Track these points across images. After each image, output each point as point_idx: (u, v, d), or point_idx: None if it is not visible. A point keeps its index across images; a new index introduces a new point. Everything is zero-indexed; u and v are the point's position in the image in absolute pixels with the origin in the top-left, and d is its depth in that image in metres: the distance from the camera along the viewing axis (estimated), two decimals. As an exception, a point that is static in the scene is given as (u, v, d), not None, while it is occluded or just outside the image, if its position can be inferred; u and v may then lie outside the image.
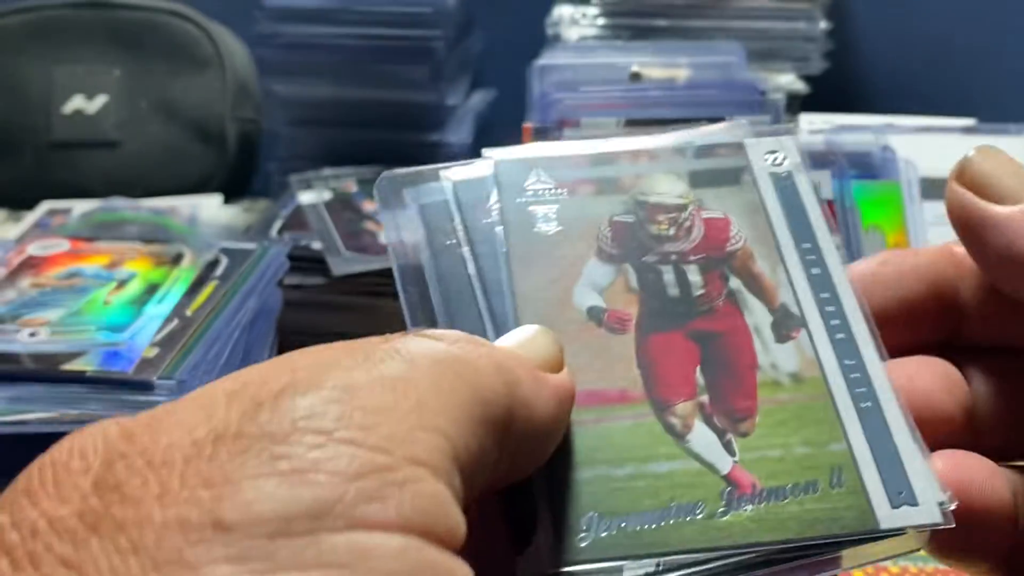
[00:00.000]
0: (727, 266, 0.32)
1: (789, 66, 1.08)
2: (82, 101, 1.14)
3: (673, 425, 0.29)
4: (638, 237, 0.32)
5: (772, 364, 0.30)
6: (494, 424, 0.24)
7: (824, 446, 0.28)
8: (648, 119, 0.80)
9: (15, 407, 0.58)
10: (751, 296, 0.31)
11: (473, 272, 0.31)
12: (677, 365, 0.30)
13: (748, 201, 0.33)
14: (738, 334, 0.30)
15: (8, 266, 0.72)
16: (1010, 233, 0.30)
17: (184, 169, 1.14)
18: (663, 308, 0.31)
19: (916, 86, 1.27)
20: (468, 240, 0.31)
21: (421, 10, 1.07)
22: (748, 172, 0.33)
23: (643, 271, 0.31)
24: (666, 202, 0.32)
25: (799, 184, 0.33)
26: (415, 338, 0.25)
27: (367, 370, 0.23)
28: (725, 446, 0.28)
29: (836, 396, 0.29)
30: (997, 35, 1.25)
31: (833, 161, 0.74)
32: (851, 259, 0.34)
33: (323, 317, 0.86)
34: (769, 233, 0.32)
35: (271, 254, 0.76)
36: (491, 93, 1.23)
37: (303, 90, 1.11)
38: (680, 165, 0.33)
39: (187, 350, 0.62)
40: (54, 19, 1.15)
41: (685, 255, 0.32)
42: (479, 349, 0.25)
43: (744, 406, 0.29)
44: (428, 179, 0.32)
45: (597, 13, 1.11)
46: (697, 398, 0.29)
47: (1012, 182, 0.31)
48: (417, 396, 0.23)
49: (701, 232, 0.32)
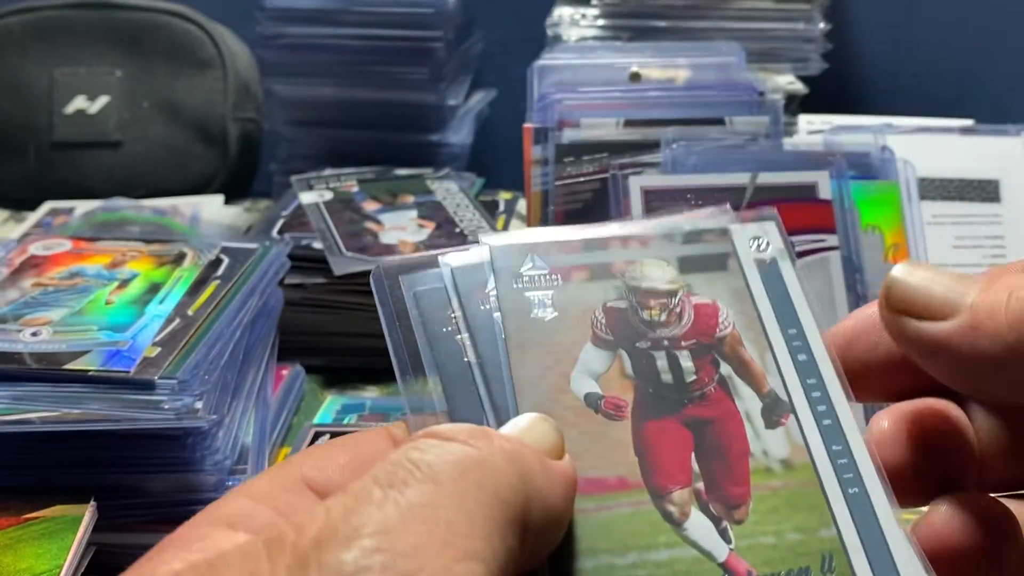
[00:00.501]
0: (717, 351, 0.32)
1: (788, 67, 1.09)
2: (84, 101, 1.14)
3: (671, 513, 0.29)
4: (631, 323, 0.33)
5: (763, 451, 0.31)
6: (515, 521, 0.25)
7: (815, 532, 0.29)
8: (647, 119, 0.81)
9: (17, 406, 0.58)
10: (741, 382, 0.32)
11: (473, 359, 0.31)
12: (673, 452, 0.30)
13: (735, 286, 0.34)
14: (730, 420, 0.31)
15: (10, 266, 0.73)
16: (957, 353, 0.29)
17: (186, 169, 1.14)
18: (657, 394, 0.31)
19: (914, 87, 1.27)
20: (467, 327, 0.32)
21: (422, 11, 1.07)
22: (734, 258, 0.34)
23: (637, 357, 0.32)
24: (657, 288, 0.33)
25: (783, 270, 0.34)
26: (430, 445, 0.26)
27: (395, 502, 0.24)
28: (721, 533, 0.29)
29: (825, 482, 0.30)
30: (995, 36, 1.25)
31: (832, 161, 0.75)
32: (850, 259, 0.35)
33: (324, 317, 0.86)
34: (756, 319, 0.33)
35: (272, 254, 0.76)
36: (491, 93, 1.23)
37: (304, 91, 1.12)
38: (669, 251, 0.34)
39: (189, 349, 0.62)
40: (56, 19, 1.16)
41: (677, 341, 0.32)
42: (491, 444, 0.26)
43: (738, 493, 0.30)
44: (423, 266, 0.33)
45: (597, 14, 1.11)
46: (693, 485, 0.30)
47: (941, 291, 0.30)
48: (447, 521, 0.24)
49: (691, 317, 0.33)
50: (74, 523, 0.56)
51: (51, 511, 0.57)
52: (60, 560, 0.53)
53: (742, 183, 0.73)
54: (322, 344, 0.86)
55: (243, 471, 0.65)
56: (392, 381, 0.84)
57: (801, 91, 1.05)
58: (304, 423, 0.76)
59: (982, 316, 0.29)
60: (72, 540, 0.54)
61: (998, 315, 0.29)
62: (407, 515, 0.24)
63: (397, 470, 0.25)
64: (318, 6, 1.08)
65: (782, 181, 0.73)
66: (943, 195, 0.79)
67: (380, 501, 0.24)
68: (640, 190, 0.73)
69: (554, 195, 0.78)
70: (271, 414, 0.73)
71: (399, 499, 0.24)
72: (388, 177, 1.02)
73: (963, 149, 0.83)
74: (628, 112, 0.81)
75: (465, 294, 0.32)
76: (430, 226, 0.91)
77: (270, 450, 0.70)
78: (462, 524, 0.24)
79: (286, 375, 0.79)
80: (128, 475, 0.61)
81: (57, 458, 0.61)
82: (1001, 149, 0.82)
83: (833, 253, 0.72)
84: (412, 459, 0.25)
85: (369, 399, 0.81)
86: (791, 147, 0.80)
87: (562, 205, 0.78)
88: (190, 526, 0.27)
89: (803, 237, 0.72)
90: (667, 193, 0.73)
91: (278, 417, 0.75)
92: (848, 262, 0.72)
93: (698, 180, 0.74)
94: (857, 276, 0.72)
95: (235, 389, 0.66)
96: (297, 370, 0.81)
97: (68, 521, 0.56)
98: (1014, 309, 0.29)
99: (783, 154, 0.78)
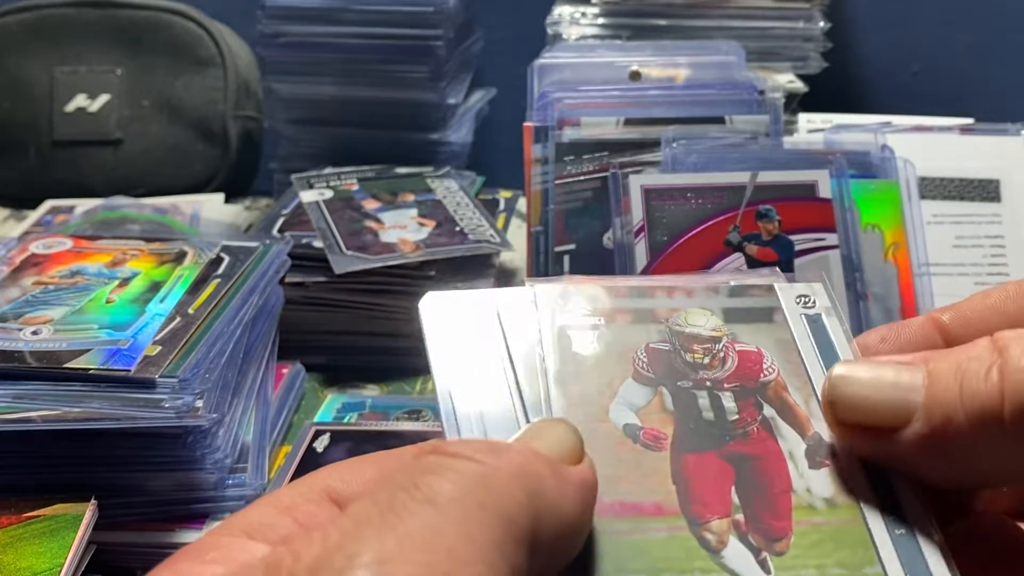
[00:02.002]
0: (760, 395, 0.33)
1: (788, 65, 1.09)
2: (84, 100, 1.14)
3: (708, 540, 0.29)
4: (674, 363, 0.33)
5: (807, 488, 0.31)
6: (522, 539, 0.25)
7: (859, 569, 0.29)
8: (647, 118, 0.81)
9: (18, 405, 0.58)
10: (785, 424, 0.32)
11: (514, 393, 0.32)
12: (712, 484, 0.30)
13: (780, 338, 0.34)
14: (772, 458, 0.31)
15: (11, 264, 0.73)
16: (924, 462, 0.29)
17: (186, 168, 1.14)
18: (698, 430, 0.31)
19: (914, 85, 1.27)
20: (510, 362, 0.32)
21: (422, 10, 1.07)
22: (780, 312, 0.35)
23: (678, 394, 0.32)
24: (701, 333, 0.34)
25: (829, 324, 0.34)
26: (435, 463, 0.26)
27: (394, 528, 0.24)
28: (760, 564, 0.29)
29: (870, 521, 0.30)
30: (995, 35, 1.25)
31: (831, 160, 0.75)
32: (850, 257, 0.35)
33: (324, 315, 0.86)
34: (801, 366, 0.33)
35: (273, 252, 0.76)
36: (491, 92, 1.23)
37: (304, 89, 1.12)
38: (714, 302, 0.35)
39: (189, 348, 0.62)
40: (57, 18, 1.16)
41: (720, 382, 0.33)
42: (499, 459, 0.26)
43: (779, 526, 0.30)
44: (473, 303, 0.34)
45: (597, 12, 1.11)
46: (732, 516, 0.30)
47: (888, 397, 0.29)
48: (447, 548, 0.23)
49: (735, 363, 0.33)
50: (75, 522, 0.56)
51: (52, 510, 0.57)
52: (60, 559, 0.53)
53: (742, 182, 0.73)
54: (322, 343, 0.86)
55: (243, 469, 0.65)
56: (392, 380, 0.84)
57: (801, 90, 1.05)
58: (304, 421, 0.76)
59: (938, 419, 0.28)
60: (72, 539, 0.54)
61: (956, 413, 0.28)
62: (405, 543, 0.23)
63: (398, 492, 0.25)
64: (318, 5, 1.09)
65: (782, 180, 0.73)
66: (943, 194, 0.80)
67: (378, 526, 0.24)
68: (640, 189, 0.73)
69: (554, 194, 0.78)
70: (271, 413, 0.73)
71: (398, 525, 0.24)
72: (388, 176, 1.02)
73: (963, 148, 0.83)
74: (628, 111, 0.81)
75: (509, 330, 0.33)
76: (430, 224, 0.91)
77: (270, 449, 0.70)
78: (463, 550, 0.24)
79: (286, 374, 0.79)
80: (128, 474, 0.62)
81: (58, 457, 0.61)
82: (1001, 148, 0.82)
83: (833, 252, 0.72)
84: (415, 481, 0.25)
85: (369, 397, 0.81)
86: (791, 146, 0.80)
87: (562, 204, 0.78)
88: (213, 534, 0.27)
89: (803, 236, 0.72)
90: (667, 192, 0.73)
91: (278, 416, 0.75)
92: (848, 261, 0.72)
93: (698, 179, 0.74)
94: (857, 275, 0.72)
95: (235, 388, 0.66)
96: (297, 368, 0.81)
97: (69, 520, 0.56)
98: (970, 401, 0.28)
99: (783, 153, 0.78)
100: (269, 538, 0.27)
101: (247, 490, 0.64)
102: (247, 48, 1.19)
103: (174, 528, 0.61)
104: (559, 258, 0.78)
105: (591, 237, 0.77)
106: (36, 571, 0.52)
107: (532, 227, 0.79)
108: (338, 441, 0.73)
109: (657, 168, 0.76)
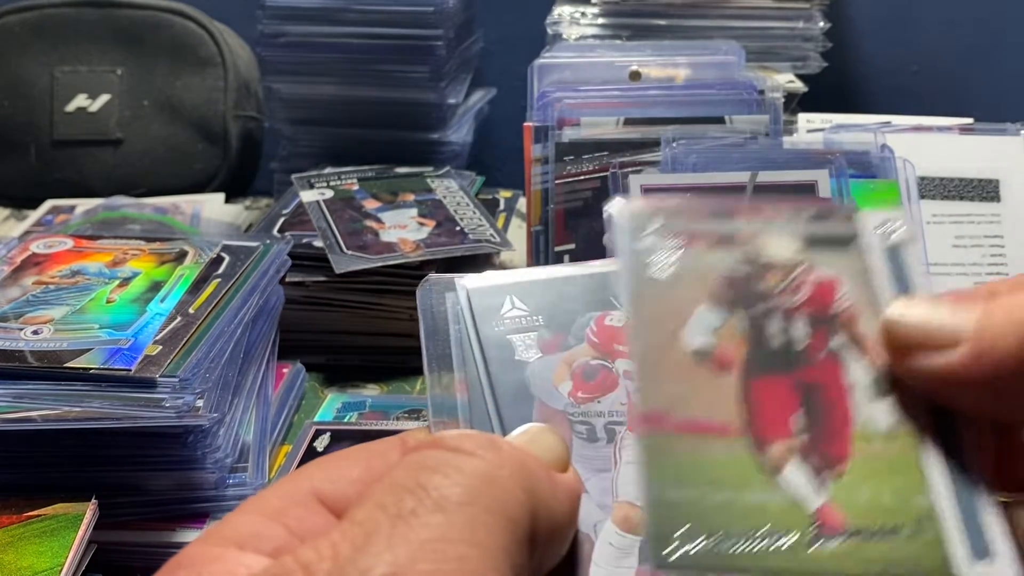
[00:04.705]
0: (831, 325, 0.33)
1: (787, 65, 1.09)
2: (85, 99, 1.14)
3: (768, 462, 0.30)
4: (749, 289, 0.33)
5: (868, 418, 0.31)
6: (524, 538, 0.26)
7: (911, 497, 0.30)
8: (647, 118, 0.81)
9: (19, 404, 0.59)
10: (853, 355, 0.33)
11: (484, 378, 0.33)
12: (777, 408, 0.31)
13: (857, 267, 0.34)
14: (837, 388, 0.32)
15: (11, 264, 0.73)
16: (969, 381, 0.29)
17: (186, 167, 1.14)
18: (768, 356, 0.32)
19: (914, 85, 1.27)
20: (480, 346, 0.33)
21: (422, 10, 1.07)
22: (859, 240, 0.35)
23: (750, 319, 0.33)
24: (778, 260, 0.34)
25: (907, 256, 0.35)
26: (438, 460, 0.26)
27: (405, 538, 0.24)
28: (816, 486, 0.30)
29: (926, 456, 0.31)
30: (994, 34, 1.25)
31: (831, 160, 0.75)
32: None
33: (324, 315, 0.86)
34: (875, 299, 0.34)
35: (273, 252, 0.76)
36: (491, 92, 1.23)
37: (305, 89, 1.12)
38: (795, 226, 0.35)
39: (190, 347, 0.62)
40: (57, 18, 1.16)
41: (792, 310, 0.33)
42: (500, 455, 0.27)
43: (838, 452, 0.31)
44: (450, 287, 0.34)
45: (597, 12, 1.11)
46: (793, 440, 0.31)
47: (942, 323, 0.30)
48: (457, 557, 0.24)
49: (809, 291, 0.34)
50: (75, 521, 0.56)
51: (52, 509, 0.57)
52: (61, 558, 0.53)
53: (742, 182, 0.73)
54: (323, 342, 0.86)
55: (244, 469, 0.65)
56: (392, 380, 0.85)
57: (800, 89, 1.05)
58: (305, 421, 0.76)
59: (988, 341, 0.29)
60: (73, 538, 0.55)
61: (1006, 336, 0.28)
62: (417, 554, 0.24)
63: (405, 496, 0.25)
64: (319, 4, 1.09)
65: (782, 179, 0.74)
66: (942, 194, 0.79)
67: (389, 536, 0.24)
68: (640, 189, 0.73)
69: (554, 193, 0.78)
70: (272, 412, 0.73)
71: (409, 535, 0.24)
72: (388, 175, 1.02)
73: (962, 148, 0.83)
74: (628, 111, 0.81)
75: (479, 315, 0.33)
76: (430, 224, 0.91)
77: (271, 448, 0.71)
78: (474, 558, 0.24)
79: (287, 373, 0.79)
80: (129, 473, 0.62)
81: (58, 456, 0.61)
82: (1000, 148, 0.82)
83: (832, 252, 0.72)
84: (420, 482, 0.25)
85: (369, 397, 0.81)
86: (791, 146, 0.80)
87: (562, 203, 0.78)
88: (200, 544, 0.27)
89: (802, 236, 0.72)
90: (667, 192, 0.73)
91: (279, 415, 0.75)
92: (847, 261, 0.72)
93: (698, 179, 0.74)
94: (856, 275, 0.72)
95: (236, 387, 0.66)
96: (298, 368, 0.81)
97: (69, 519, 0.56)
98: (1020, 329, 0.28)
99: (783, 152, 0.78)
100: (261, 548, 0.27)
101: (247, 489, 0.64)
102: (247, 48, 1.19)
103: (175, 528, 0.61)
104: (559, 258, 0.78)
105: (591, 237, 0.77)
106: (37, 570, 0.53)
107: (532, 227, 0.79)
108: (338, 440, 0.73)
109: (657, 168, 0.76)
